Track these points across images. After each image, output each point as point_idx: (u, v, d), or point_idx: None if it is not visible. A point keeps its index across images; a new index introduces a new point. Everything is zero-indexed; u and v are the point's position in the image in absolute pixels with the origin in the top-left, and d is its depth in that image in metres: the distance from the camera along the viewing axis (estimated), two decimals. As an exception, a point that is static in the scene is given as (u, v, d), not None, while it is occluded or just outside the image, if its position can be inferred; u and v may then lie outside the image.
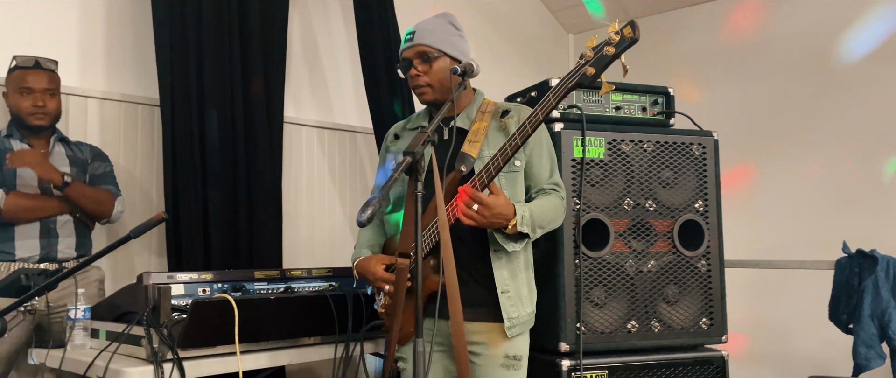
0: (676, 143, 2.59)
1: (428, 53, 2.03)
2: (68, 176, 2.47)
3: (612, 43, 1.76)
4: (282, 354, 2.26)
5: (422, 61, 2.04)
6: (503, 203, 1.87)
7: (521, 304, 2.05)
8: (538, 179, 2.11)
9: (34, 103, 2.51)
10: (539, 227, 2.00)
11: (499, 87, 3.12)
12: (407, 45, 2.05)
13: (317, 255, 3.62)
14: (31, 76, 2.53)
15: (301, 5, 3.63)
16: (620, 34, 1.75)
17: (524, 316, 2.06)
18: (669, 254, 2.55)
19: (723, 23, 4.32)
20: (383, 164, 2.28)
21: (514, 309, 2.02)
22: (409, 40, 2.05)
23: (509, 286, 2.02)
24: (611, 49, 1.76)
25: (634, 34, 1.73)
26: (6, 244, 2.46)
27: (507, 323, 2.01)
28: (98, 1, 3.02)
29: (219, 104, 3.05)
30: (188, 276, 2.26)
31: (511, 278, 2.04)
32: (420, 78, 2.04)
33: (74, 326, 2.20)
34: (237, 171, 3.11)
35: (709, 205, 2.61)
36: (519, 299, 2.04)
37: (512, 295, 2.02)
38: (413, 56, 2.04)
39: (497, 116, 2.11)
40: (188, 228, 2.94)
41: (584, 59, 1.78)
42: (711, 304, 2.58)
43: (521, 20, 4.74)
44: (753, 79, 4.19)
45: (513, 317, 2.02)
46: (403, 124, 2.28)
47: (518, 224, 1.91)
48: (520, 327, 2.04)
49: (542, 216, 2.00)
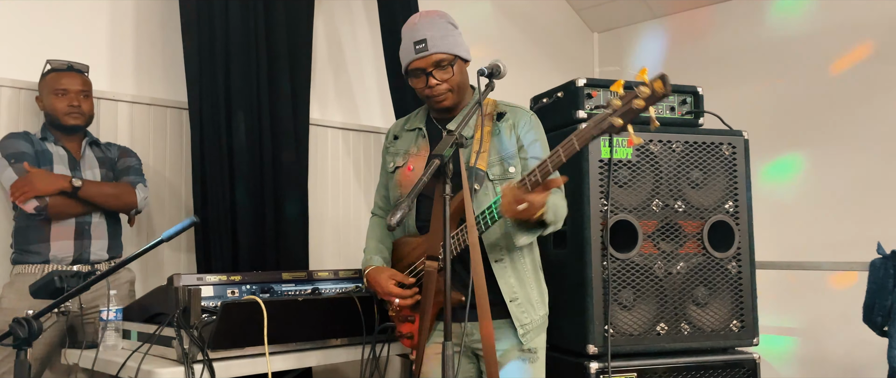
0: (706, 142, 2.56)
1: (443, 60, 2.00)
2: (76, 179, 2.47)
3: (642, 96, 1.64)
4: (310, 355, 2.27)
5: (439, 69, 2.00)
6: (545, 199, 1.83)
7: (533, 309, 2.04)
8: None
9: (69, 103, 2.56)
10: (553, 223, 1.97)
11: (522, 87, 3.11)
12: (420, 56, 1.99)
13: (342, 255, 3.64)
14: (66, 78, 2.57)
15: (326, 7, 3.64)
16: (650, 88, 1.64)
17: (537, 319, 2.05)
18: (699, 255, 2.52)
19: (751, 20, 4.26)
20: (384, 165, 2.26)
21: (525, 315, 2.02)
22: (422, 50, 1.99)
23: (518, 293, 2.02)
24: (640, 102, 1.64)
25: (665, 90, 1.62)
26: (40, 246, 2.50)
27: (520, 330, 2.00)
28: (127, 8, 3.06)
29: (246, 107, 3.08)
30: (217, 277, 2.28)
31: (519, 285, 2.03)
32: (440, 86, 2.01)
33: (106, 327, 2.24)
34: (264, 173, 3.14)
35: (739, 205, 2.57)
36: (529, 305, 2.04)
37: (521, 302, 2.02)
38: (429, 65, 1.99)
39: (494, 119, 2.09)
40: (216, 229, 2.97)
41: (612, 109, 1.68)
42: (742, 307, 2.55)
43: (544, 19, 4.71)
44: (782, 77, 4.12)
45: (525, 323, 2.01)
46: (402, 124, 2.26)
47: (545, 213, 1.87)
48: (535, 332, 2.04)
49: (559, 210, 1.98)
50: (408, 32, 2.04)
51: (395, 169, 2.17)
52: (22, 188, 2.40)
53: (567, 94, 2.61)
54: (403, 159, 2.16)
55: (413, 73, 2.03)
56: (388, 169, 2.21)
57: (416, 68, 2.02)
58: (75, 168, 2.60)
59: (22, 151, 2.49)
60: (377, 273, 2.10)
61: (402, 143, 2.20)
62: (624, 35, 4.86)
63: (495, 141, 2.06)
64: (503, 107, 2.12)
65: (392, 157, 2.21)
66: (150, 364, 2.01)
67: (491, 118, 2.08)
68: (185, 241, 3.10)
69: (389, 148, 2.24)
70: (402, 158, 2.16)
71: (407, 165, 2.13)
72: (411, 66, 2.03)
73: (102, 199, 2.55)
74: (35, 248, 2.50)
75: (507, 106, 2.13)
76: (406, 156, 2.15)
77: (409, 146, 2.16)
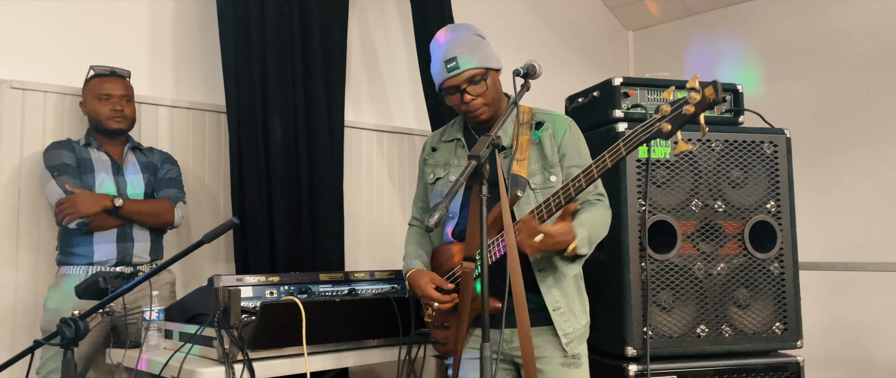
0: (746, 141, 2.51)
1: (475, 76, 1.99)
2: (117, 199, 2.54)
3: (692, 102, 1.63)
4: (347, 356, 2.29)
5: (473, 84, 1.99)
6: (566, 229, 1.84)
7: (575, 319, 2.03)
8: (584, 192, 2.06)
9: (112, 108, 2.62)
10: (594, 244, 1.98)
11: (556, 88, 3.09)
12: (452, 75, 1.98)
13: (377, 256, 3.65)
14: (109, 83, 2.64)
15: (359, 10, 3.67)
16: (701, 94, 1.63)
17: (579, 329, 2.04)
18: (740, 256, 2.48)
19: (792, 14, 4.17)
20: (423, 176, 2.25)
21: (568, 324, 2.01)
22: (453, 69, 1.98)
23: (561, 303, 2.01)
24: (690, 108, 1.64)
25: (717, 96, 1.60)
26: (85, 249, 2.56)
27: (564, 339, 1.99)
28: (166, 14, 3.12)
29: (282, 110, 3.11)
30: (256, 278, 2.30)
31: (562, 296, 2.01)
32: (476, 101, 2.00)
33: (149, 327, 2.28)
34: (300, 175, 3.17)
35: (781, 205, 2.52)
36: (572, 315, 2.02)
37: (564, 311, 2.01)
38: (462, 83, 1.99)
39: (532, 127, 2.07)
40: (254, 231, 3.00)
41: (661, 114, 1.67)
42: (785, 308, 2.49)
43: (578, 18, 4.67)
44: (825, 73, 4.02)
45: (568, 333, 2.00)
46: (439, 135, 2.26)
47: (578, 246, 1.88)
48: (577, 341, 2.03)
49: (595, 232, 1.98)
50: (437, 51, 2.04)
51: (435, 180, 2.17)
52: (66, 210, 2.47)
53: (603, 94, 2.58)
54: (444, 170, 2.16)
55: (447, 90, 2.03)
56: (428, 180, 2.21)
57: (449, 86, 2.02)
58: (118, 173, 2.66)
59: (64, 163, 2.55)
60: (418, 276, 2.10)
61: (440, 155, 2.19)
62: (659, 33, 4.80)
63: (535, 150, 2.04)
64: (541, 116, 2.10)
65: (431, 168, 2.21)
66: (191, 364, 2.04)
67: (528, 127, 2.07)
68: (223, 243, 3.15)
69: (427, 160, 2.23)
70: (443, 169, 2.16)
71: (448, 175, 2.13)
72: (445, 85, 2.03)
73: (141, 217, 2.61)
74: (79, 251, 2.56)
75: (545, 114, 2.11)
76: (447, 167, 2.15)
77: (448, 157, 2.16)
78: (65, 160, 2.56)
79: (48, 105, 2.80)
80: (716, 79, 1.65)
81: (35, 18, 2.80)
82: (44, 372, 2.48)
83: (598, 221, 2.00)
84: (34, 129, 2.76)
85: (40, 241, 2.74)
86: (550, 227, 1.82)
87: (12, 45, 2.75)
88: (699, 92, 1.63)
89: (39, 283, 2.71)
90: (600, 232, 2.00)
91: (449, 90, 2.02)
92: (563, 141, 2.05)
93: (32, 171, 2.72)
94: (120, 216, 2.56)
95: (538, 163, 2.04)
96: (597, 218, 2.01)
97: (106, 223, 2.55)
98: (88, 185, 2.57)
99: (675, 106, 1.67)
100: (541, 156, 2.04)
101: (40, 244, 2.74)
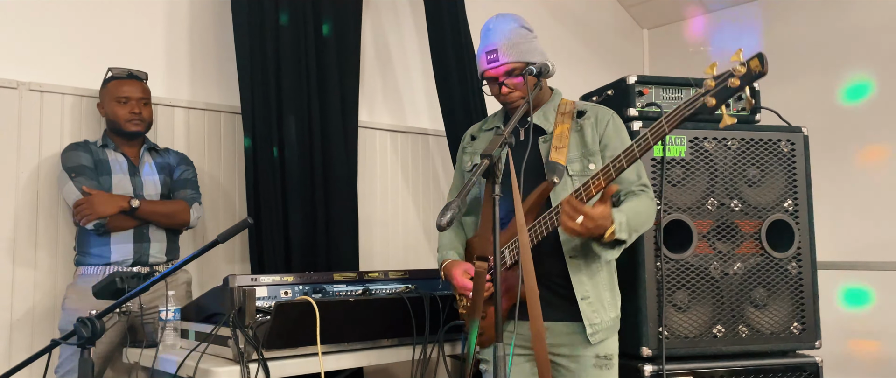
0: (763, 139, 2.49)
1: (514, 69, 2.02)
2: (134, 200, 2.57)
3: (737, 75, 1.62)
4: (361, 355, 2.29)
5: (510, 77, 2.03)
6: (605, 213, 1.82)
7: (603, 310, 2.00)
8: (627, 183, 2.05)
9: (131, 110, 2.65)
10: (634, 231, 1.95)
11: (572, 86, 3.06)
12: (491, 67, 2.03)
13: (391, 256, 3.66)
14: (127, 86, 2.66)
15: (373, 10, 3.67)
16: (747, 66, 1.62)
17: (607, 321, 2.01)
18: (757, 255, 2.45)
19: (808, 12, 4.12)
20: (461, 165, 2.29)
21: (596, 315, 1.99)
22: (493, 61, 2.02)
23: (589, 292, 1.99)
24: (736, 81, 1.62)
25: (762, 68, 1.59)
26: (102, 249, 2.58)
27: (589, 329, 1.97)
28: (183, 16, 3.14)
29: (297, 111, 3.12)
30: (271, 278, 2.31)
31: (591, 283, 2.00)
32: (512, 93, 2.04)
33: (165, 327, 2.30)
34: (314, 176, 3.18)
35: (799, 204, 2.49)
36: (600, 305, 2.00)
37: (592, 301, 1.99)
38: (501, 75, 2.03)
39: (574, 117, 2.09)
40: (269, 231, 3.02)
41: (705, 89, 1.66)
42: (803, 308, 2.46)
43: (593, 16, 4.65)
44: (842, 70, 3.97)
45: (595, 323, 1.98)
46: (479, 126, 2.29)
47: (617, 231, 1.85)
48: (603, 333, 2.00)
49: (636, 220, 1.95)
50: (483, 38, 2.08)
51: (473, 167, 2.19)
52: (84, 211, 2.50)
53: (618, 92, 2.57)
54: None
55: (487, 80, 2.08)
56: (466, 168, 2.23)
57: (489, 76, 2.06)
58: (134, 174, 2.68)
59: (82, 164, 2.58)
60: (452, 266, 2.11)
61: (480, 143, 2.22)
62: (674, 31, 4.77)
63: (576, 137, 2.05)
64: (583, 106, 2.12)
65: (469, 156, 2.23)
66: (207, 363, 2.05)
67: (570, 116, 2.07)
68: (239, 243, 3.17)
69: (467, 148, 2.26)
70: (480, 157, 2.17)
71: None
72: (484, 75, 2.07)
73: (157, 218, 2.64)
74: (97, 251, 2.59)
75: (587, 105, 2.12)
76: None
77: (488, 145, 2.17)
78: (82, 162, 2.59)
79: (66, 107, 2.84)
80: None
81: (52, 21, 2.83)
82: (62, 371, 2.51)
83: (639, 210, 1.98)
84: (52, 130, 2.80)
85: (59, 241, 2.77)
86: (590, 209, 1.79)
87: (30, 48, 2.79)
88: (744, 65, 1.62)
89: (58, 282, 2.74)
90: (642, 221, 1.97)
91: (489, 80, 2.07)
92: (607, 131, 2.05)
93: (51, 173, 2.75)
94: (136, 217, 2.59)
95: (578, 150, 2.04)
96: (638, 207, 1.99)
97: (122, 224, 2.57)
98: (105, 186, 2.60)
99: (719, 80, 1.66)
100: (581, 143, 2.04)
101: (59, 244, 2.77)
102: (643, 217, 1.98)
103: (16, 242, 2.70)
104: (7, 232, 2.69)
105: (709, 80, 1.66)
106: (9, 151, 2.71)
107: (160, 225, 2.66)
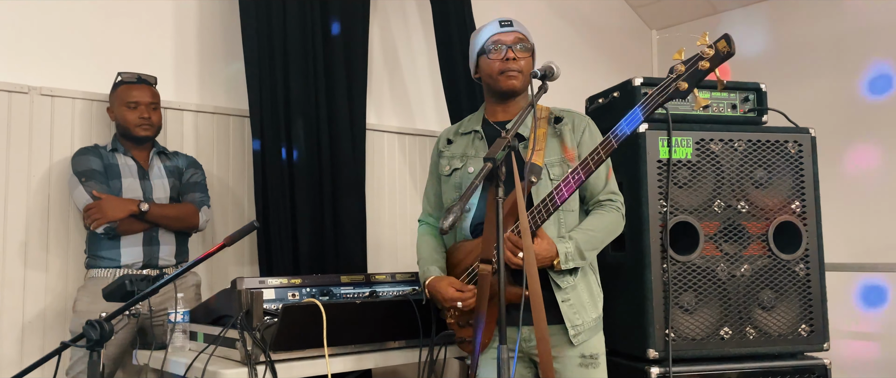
0: (770, 141, 2.48)
1: (524, 42, 2.08)
2: (143, 204, 2.59)
3: (706, 57, 1.69)
4: (368, 357, 2.30)
5: (521, 49, 2.07)
6: (544, 247, 1.91)
7: (584, 311, 2.02)
8: (593, 190, 2.08)
9: (140, 115, 2.67)
10: (590, 252, 2.00)
11: (578, 88, 3.07)
12: (505, 30, 2.07)
13: (399, 258, 3.67)
14: (136, 91, 2.69)
15: (381, 12, 3.69)
16: (714, 48, 1.69)
17: (589, 322, 2.03)
18: (764, 257, 2.44)
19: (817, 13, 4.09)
20: (436, 168, 2.27)
21: (577, 316, 2.01)
22: (507, 25, 2.08)
23: (569, 294, 2.01)
24: (705, 63, 1.70)
25: (730, 48, 1.67)
26: (112, 252, 2.61)
27: (572, 331, 1.99)
28: (191, 21, 3.17)
29: (304, 113, 3.14)
30: (278, 281, 2.33)
31: (570, 288, 2.02)
32: (517, 62, 2.06)
33: (174, 329, 2.32)
34: (322, 178, 3.20)
35: (806, 205, 2.48)
36: (581, 306, 2.02)
37: (573, 303, 2.01)
38: (513, 41, 2.06)
39: (551, 122, 2.10)
40: (277, 233, 3.04)
41: (676, 74, 1.72)
42: (811, 310, 2.45)
43: (601, 18, 4.64)
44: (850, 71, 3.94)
45: (577, 324, 2.00)
46: (455, 128, 2.27)
47: (562, 262, 1.94)
48: (586, 334, 2.02)
49: (590, 241, 2.00)
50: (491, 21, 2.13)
51: (452, 171, 2.19)
52: (94, 215, 2.53)
53: (623, 94, 2.57)
54: (461, 162, 2.17)
55: (493, 46, 2.07)
56: (444, 172, 2.22)
57: (497, 40, 2.07)
58: (144, 178, 2.71)
59: (92, 169, 2.61)
60: (437, 282, 2.11)
61: (457, 147, 2.21)
62: (683, 32, 4.75)
63: (554, 142, 2.07)
64: (559, 112, 2.13)
65: (447, 160, 2.21)
66: (215, 365, 2.07)
67: (546, 121, 2.09)
68: (247, 245, 3.19)
69: (443, 152, 2.24)
70: (460, 161, 2.17)
71: (466, 167, 2.14)
72: (493, 38, 2.07)
73: (166, 221, 2.67)
74: (106, 254, 2.61)
75: (563, 111, 2.14)
76: (464, 158, 2.17)
77: (465, 149, 2.18)
78: (92, 166, 2.62)
79: (76, 111, 2.87)
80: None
81: (63, 27, 2.86)
82: (73, 373, 2.53)
83: (596, 228, 2.02)
84: (63, 134, 2.83)
85: (69, 244, 2.81)
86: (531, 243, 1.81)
87: (41, 53, 2.82)
88: (712, 47, 1.69)
89: (69, 285, 2.77)
90: (599, 238, 2.02)
91: (494, 46, 2.07)
92: (583, 138, 2.08)
93: (62, 177, 2.78)
94: (145, 220, 2.61)
95: (557, 155, 2.06)
96: (596, 225, 2.03)
97: (132, 228, 2.60)
98: (115, 189, 2.63)
99: (689, 63, 1.72)
100: (561, 148, 2.06)
101: (69, 247, 2.80)
102: (601, 234, 2.03)
103: (27, 245, 2.74)
104: (19, 235, 2.73)
105: (678, 64, 1.71)
106: (20, 155, 2.75)
107: (170, 228, 2.69)
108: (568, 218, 2.04)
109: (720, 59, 1.68)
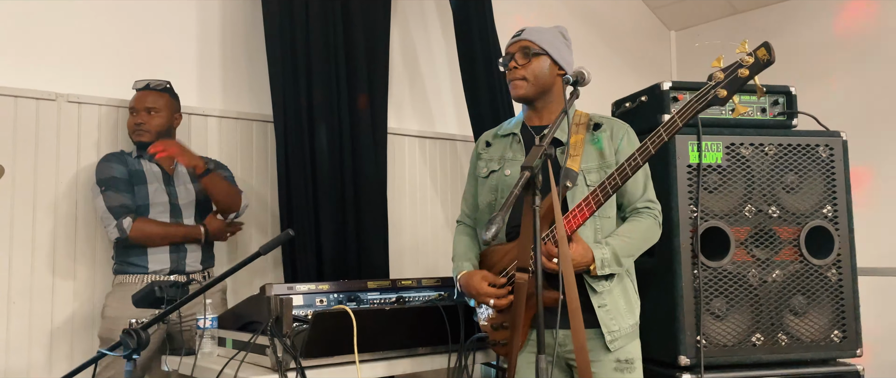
0: (801, 145, 2.46)
1: (530, 48, 2.08)
2: (210, 163, 2.64)
3: (746, 65, 1.69)
4: (397, 364, 2.29)
5: (523, 56, 2.08)
6: (580, 252, 1.90)
7: (621, 317, 2.01)
8: (631, 197, 2.07)
9: (135, 121, 2.68)
10: (626, 258, 1.99)
11: (598, 91, 3.04)
12: (512, 41, 2.12)
13: (420, 261, 3.66)
14: (140, 96, 2.70)
15: (401, 18, 3.68)
16: (754, 56, 1.69)
17: (626, 328, 2.02)
18: (796, 262, 2.42)
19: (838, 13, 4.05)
20: (474, 170, 2.28)
21: (613, 322, 2.00)
22: (515, 36, 2.12)
23: (606, 300, 2.00)
24: (744, 71, 1.70)
25: (769, 56, 1.67)
26: (139, 258, 2.62)
27: (608, 337, 1.98)
28: (214, 27, 3.18)
29: (327, 119, 3.14)
30: (307, 287, 2.33)
31: (607, 293, 2.01)
32: (517, 71, 2.08)
33: (203, 335, 2.32)
34: (345, 182, 3.20)
35: (838, 210, 2.45)
36: (617, 312, 2.01)
37: (610, 308, 2.00)
38: (515, 50, 2.10)
39: (589, 129, 2.10)
40: (301, 238, 3.04)
41: (715, 81, 1.72)
42: (843, 316, 2.43)
43: (619, 19, 4.62)
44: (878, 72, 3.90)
45: (613, 330, 1.99)
46: (494, 132, 2.29)
47: (598, 268, 1.93)
48: (622, 340, 2.01)
49: (627, 248, 1.99)
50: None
51: (489, 174, 2.20)
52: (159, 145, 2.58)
53: (652, 98, 2.55)
54: (498, 164, 2.18)
55: (506, 56, 2.13)
56: (482, 174, 2.23)
57: (507, 52, 2.12)
58: (169, 183, 2.71)
59: (114, 177, 2.60)
60: (470, 276, 2.11)
61: (495, 150, 2.22)
62: (702, 33, 4.71)
63: (591, 149, 2.06)
64: (599, 119, 2.13)
65: (485, 162, 2.23)
66: (245, 371, 2.06)
67: (585, 128, 2.09)
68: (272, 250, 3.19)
69: (482, 154, 2.26)
70: (497, 163, 2.18)
71: (504, 169, 2.15)
72: (506, 51, 2.14)
73: (217, 189, 2.70)
74: (135, 260, 2.62)
75: (603, 118, 2.13)
76: (502, 160, 2.18)
77: (504, 152, 2.18)
78: (114, 174, 2.61)
79: (102, 117, 2.88)
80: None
81: (89, 34, 2.87)
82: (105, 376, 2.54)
83: (632, 236, 2.01)
84: (90, 141, 2.84)
85: (97, 251, 2.82)
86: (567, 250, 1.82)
87: (68, 61, 2.83)
88: (751, 54, 1.69)
89: (96, 292, 2.78)
90: (635, 245, 2.02)
91: (506, 57, 2.12)
92: (621, 146, 2.07)
93: (89, 183, 2.79)
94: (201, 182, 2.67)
95: (596, 161, 2.05)
96: (632, 232, 2.02)
97: (143, 239, 2.59)
98: (141, 195, 2.63)
99: (728, 71, 1.71)
100: (599, 155, 2.06)
101: (97, 254, 2.81)
102: (638, 242, 2.03)
103: (55, 252, 2.75)
104: (46, 242, 2.74)
105: (717, 72, 1.70)
106: (48, 162, 2.76)
107: (215, 199, 2.72)
108: (605, 224, 2.03)
109: (760, 67, 1.68)
